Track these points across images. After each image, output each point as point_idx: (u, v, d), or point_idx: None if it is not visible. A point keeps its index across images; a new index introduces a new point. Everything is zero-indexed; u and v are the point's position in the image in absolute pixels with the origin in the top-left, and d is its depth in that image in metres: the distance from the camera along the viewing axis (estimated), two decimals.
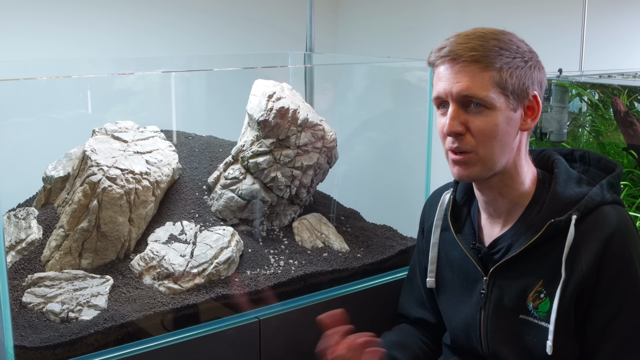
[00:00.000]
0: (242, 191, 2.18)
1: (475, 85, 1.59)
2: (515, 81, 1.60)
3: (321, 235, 2.28)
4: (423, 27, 3.57)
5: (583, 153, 1.84)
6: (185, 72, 2.56)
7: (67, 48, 3.07)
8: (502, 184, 1.70)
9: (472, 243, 1.80)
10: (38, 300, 1.80)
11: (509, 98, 1.61)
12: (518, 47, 1.63)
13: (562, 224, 1.63)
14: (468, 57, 1.60)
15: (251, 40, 3.68)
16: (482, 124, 1.61)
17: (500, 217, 1.76)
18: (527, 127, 1.67)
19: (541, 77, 1.67)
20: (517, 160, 1.69)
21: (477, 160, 1.64)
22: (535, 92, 1.64)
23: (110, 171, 1.97)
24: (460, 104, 1.63)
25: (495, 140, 1.62)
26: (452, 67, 1.62)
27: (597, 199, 1.65)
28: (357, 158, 2.78)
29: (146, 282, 1.93)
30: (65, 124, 2.28)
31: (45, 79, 2.08)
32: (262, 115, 2.15)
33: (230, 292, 1.94)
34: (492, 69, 1.59)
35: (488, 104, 1.60)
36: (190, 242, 2.02)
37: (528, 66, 1.63)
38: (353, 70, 2.89)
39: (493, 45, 1.60)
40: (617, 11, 3.00)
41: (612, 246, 1.59)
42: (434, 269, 1.92)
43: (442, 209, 1.91)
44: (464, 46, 1.60)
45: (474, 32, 1.64)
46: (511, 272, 1.71)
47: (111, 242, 1.98)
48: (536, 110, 1.66)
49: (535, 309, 1.67)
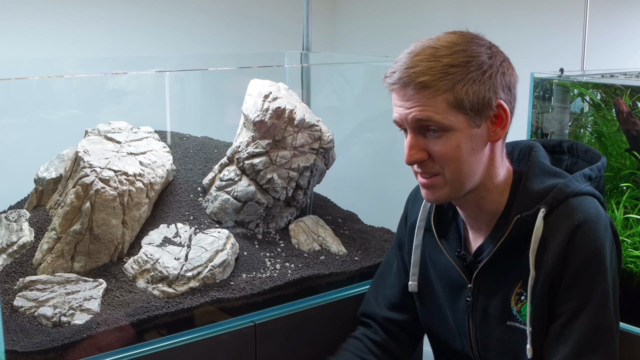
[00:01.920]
0: (238, 193, 2.18)
1: (428, 111, 1.55)
2: (472, 97, 1.55)
3: (318, 237, 2.28)
4: (422, 26, 3.58)
5: (571, 144, 1.81)
6: (179, 72, 2.57)
7: (59, 47, 3.07)
8: (479, 197, 1.68)
9: (457, 250, 1.79)
10: (30, 304, 1.81)
11: (469, 115, 1.56)
12: (473, 58, 1.56)
13: (529, 219, 1.60)
14: (417, 85, 1.55)
15: (247, 39, 3.68)
16: (442, 149, 1.58)
17: (482, 229, 1.74)
18: (497, 137, 1.62)
19: (507, 80, 1.61)
20: (491, 170, 1.66)
21: (444, 183, 1.62)
22: (500, 100, 1.59)
23: (103, 173, 1.98)
24: (417, 130, 1.60)
25: (460, 162, 1.59)
26: (403, 94, 1.58)
27: (567, 191, 1.62)
28: (354, 159, 2.79)
29: (140, 286, 1.94)
30: (58, 125, 2.29)
31: (37, 79, 2.09)
32: (258, 116, 2.16)
33: (226, 296, 1.94)
34: (444, 92, 1.54)
35: (445, 127, 1.56)
36: (185, 245, 2.03)
37: (487, 76, 1.56)
38: (350, 69, 2.90)
39: (444, 64, 1.54)
40: (619, 9, 3.01)
41: (576, 238, 1.56)
42: (416, 272, 1.89)
43: (426, 209, 1.87)
44: (411, 71, 1.55)
45: (425, 50, 1.57)
46: (493, 277, 1.70)
47: (104, 244, 1.98)
48: (504, 118, 1.60)
49: (519, 312, 1.65)
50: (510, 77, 1.63)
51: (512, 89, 1.64)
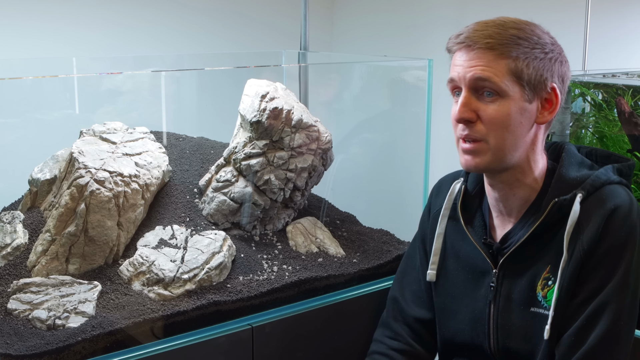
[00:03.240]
0: (235, 194, 2.19)
1: (489, 71, 1.63)
2: (532, 72, 1.63)
3: (316, 239, 2.29)
4: (421, 25, 3.58)
5: (590, 150, 1.86)
6: (175, 72, 2.57)
7: (54, 46, 3.07)
8: (514, 179, 1.73)
9: (483, 237, 1.82)
10: (24, 306, 1.81)
11: (525, 88, 1.64)
12: (539, 38, 1.66)
13: (566, 203, 1.66)
14: (483, 44, 1.64)
15: (244, 38, 3.68)
16: (493, 112, 1.64)
17: (511, 215, 1.78)
18: (544, 120, 1.69)
19: (563, 70, 1.70)
20: (530, 154, 1.72)
21: (487, 149, 1.67)
22: (554, 85, 1.67)
23: (98, 174, 1.98)
24: (473, 90, 1.66)
25: (507, 131, 1.65)
26: (467, 53, 1.66)
27: (603, 178, 1.68)
28: (353, 160, 2.79)
29: (135, 288, 1.94)
30: (52, 125, 2.29)
31: (31, 79, 2.09)
32: (255, 116, 2.16)
33: (222, 299, 1.95)
34: (508, 57, 1.62)
35: (501, 91, 1.63)
36: (181, 247, 2.03)
37: (548, 58, 1.65)
38: (349, 69, 2.90)
39: (511, 34, 1.64)
40: (621, 8, 3.01)
41: (611, 222, 1.62)
42: (436, 261, 1.93)
43: (452, 198, 1.92)
44: (480, 33, 1.65)
45: (494, 21, 1.68)
46: (521, 263, 1.74)
47: (99, 246, 1.98)
48: (554, 104, 1.68)
49: (544, 298, 1.69)
50: (566, 70, 1.72)
51: (565, 82, 1.72)
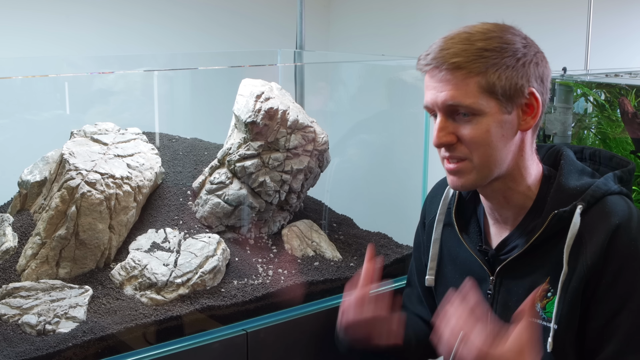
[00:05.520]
0: (229, 197, 2.19)
1: (460, 93, 1.61)
2: (505, 83, 1.60)
3: (312, 243, 2.29)
4: (420, 24, 3.59)
5: (593, 151, 1.86)
6: (168, 71, 2.57)
7: (44, 45, 3.07)
8: (506, 188, 1.72)
9: (478, 244, 1.83)
10: (13, 311, 1.81)
11: (501, 101, 1.61)
12: (509, 44, 1.62)
13: (566, 215, 1.65)
14: (449, 65, 1.61)
15: (238, 37, 3.69)
16: (472, 132, 1.63)
17: (507, 222, 1.78)
18: (528, 126, 1.67)
19: (540, 71, 1.66)
20: (520, 161, 1.71)
21: (471, 168, 1.67)
22: (532, 89, 1.64)
23: (89, 175, 1.99)
24: (448, 113, 1.65)
25: (489, 147, 1.64)
26: (436, 75, 1.64)
27: (604, 189, 1.67)
28: (350, 162, 2.79)
29: (127, 293, 1.94)
30: (42, 126, 2.29)
31: (21, 78, 2.09)
32: (249, 117, 2.17)
33: (216, 303, 1.95)
34: (477, 74, 1.59)
35: (476, 111, 1.61)
36: (174, 251, 2.03)
37: (521, 63, 1.62)
38: (346, 69, 2.91)
39: (478, 47, 1.60)
40: (624, 6, 3.02)
41: (618, 238, 1.60)
42: (434, 267, 1.95)
43: (446, 203, 1.93)
44: (446, 52, 1.61)
45: (460, 35, 1.64)
46: (518, 271, 1.73)
47: (90, 250, 1.99)
48: (536, 108, 1.66)
49: (543, 309, 1.68)
50: (544, 69, 1.68)
51: (545, 81, 1.69)
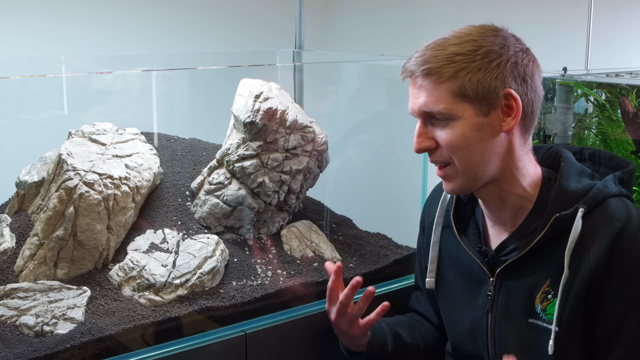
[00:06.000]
0: (228, 197, 2.19)
1: (432, 99, 1.64)
2: (476, 85, 1.61)
3: (311, 244, 2.29)
4: (419, 24, 3.59)
5: (593, 152, 1.86)
6: (167, 71, 2.57)
7: (42, 45, 3.07)
8: (500, 190, 1.73)
9: (477, 246, 1.83)
10: (11, 312, 1.81)
11: (474, 104, 1.63)
12: (481, 47, 1.63)
13: (568, 218, 1.65)
14: (420, 73, 1.65)
15: (237, 37, 3.69)
16: (448, 137, 1.66)
17: (506, 224, 1.78)
18: (510, 127, 1.66)
19: (521, 70, 1.65)
20: (510, 163, 1.70)
21: (456, 172, 1.70)
22: (509, 89, 1.63)
23: (87, 176, 1.99)
24: (426, 119, 1.69)
25: (468, 150, 1.66)
26: (413, 83, 1.70)
27: (605, 191, 1.67)
28: (349, 162, 2.79)
29: (126, 294, 1.94)
30: (40, 126, 2.29)
31: (19, 78, 2.09)
32: (248, 117, 2.17)
33: (215, 304, 1.95)
34: (447, 80, 1.62)
35: (449, 115, 1.64)
36: (173, 251, 2.03)
37: (495, 65, 1.62)
38: (345, 69, 2.91)
39: (449, 52, 1.63)
40: (624, 6, 3.02)
41: (622, 241, 1.61)
42: (434, 269, 1.96)
43: (444, 205, 1.94)
44: (418, 60, 1.66)
45: (437, 40, 1.68)
46: (518, 273, 1.74)
47: (88, 251, 1.98)
48: (515, 108, 1.64)
49: (543, 311, 1.69)
50: (526, 68, 1.67)
51: (529, 80, 1.68)
